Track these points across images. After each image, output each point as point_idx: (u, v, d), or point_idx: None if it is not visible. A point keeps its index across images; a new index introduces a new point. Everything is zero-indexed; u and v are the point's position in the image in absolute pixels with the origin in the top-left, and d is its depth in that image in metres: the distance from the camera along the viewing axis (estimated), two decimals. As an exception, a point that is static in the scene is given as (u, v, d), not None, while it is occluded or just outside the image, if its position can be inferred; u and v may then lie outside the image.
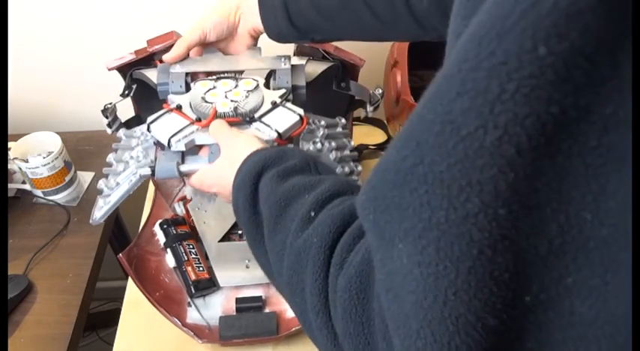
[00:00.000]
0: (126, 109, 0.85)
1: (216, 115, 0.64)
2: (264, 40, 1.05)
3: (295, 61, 0.79)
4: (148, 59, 0.80)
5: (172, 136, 0.63)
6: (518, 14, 0.22)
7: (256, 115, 0.65)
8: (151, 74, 0.78)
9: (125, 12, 1.05)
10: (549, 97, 0.22)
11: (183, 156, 0.65)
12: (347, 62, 0.80)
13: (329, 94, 0.83)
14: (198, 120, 0.65)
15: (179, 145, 0.63)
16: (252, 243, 0.49)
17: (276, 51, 0.81)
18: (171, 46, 0.80)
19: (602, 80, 0.22)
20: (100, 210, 0.68)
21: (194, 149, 0.65)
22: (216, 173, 0.59)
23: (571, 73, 0.22)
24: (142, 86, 0.80)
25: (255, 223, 0.48)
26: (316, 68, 0.79)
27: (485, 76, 0.24)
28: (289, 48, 0.82)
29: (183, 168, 0.64)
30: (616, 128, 0.22)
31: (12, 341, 0.83)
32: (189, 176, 0.65)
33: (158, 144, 0.67)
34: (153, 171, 0.64)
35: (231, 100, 0.67)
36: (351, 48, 0.81)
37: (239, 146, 0.57)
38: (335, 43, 0.79)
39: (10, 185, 1.05)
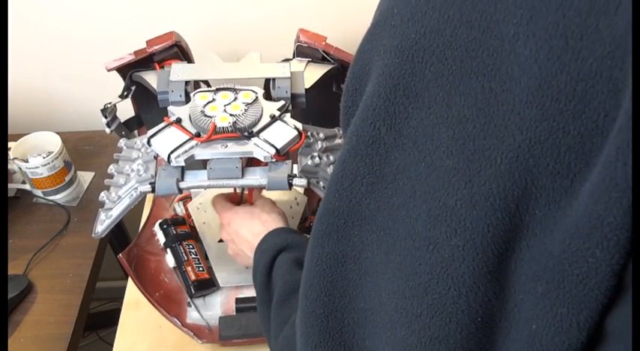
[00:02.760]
0: (126, 109, 0.85)
1: (215, 130, 0.65)
2: (264, 40, 1.05)
3: (295, 65, 0.79)
4: (147, 60, 0.80)
5: (172, 152, 0.63)
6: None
7: (255, 130, 0.66)
8: (150, 78, 0.78)
9: (125, 12, 1.05)
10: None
11: (182, 171, 0.65)
12: (347, 63, 0.80)
13: (329, 97, 0.83)
14: (198, 135, 0.65)
15: (179, 161, 0.63)
16: (261, 300, 0.56)
17: (275, 54, 0.81)
18: (171, 46, 0.80)
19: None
20: (102, 224, 0.69)
21: (193, 163, 0.65)
22: (248, 228, 0.68)
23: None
24: (142, 87, 0.80)
25: (267, 286, 0.56)
26: (316, 71, 0.79)
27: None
28: (289, 49, 0.82)
29: (183, 185, 0.64)
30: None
31: (12, 341, 0.83)
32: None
33: (158, 157, 0.67)
34: (153, 188, 0.65)
35: (230, 114, 0.67)
36: (351, 49, 0.80)
37: (274, 216, 0.68)
38: (335, 44, 0.79)
39: (10, 185, 1.05)
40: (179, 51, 0.81)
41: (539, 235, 0.29)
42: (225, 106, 0.68)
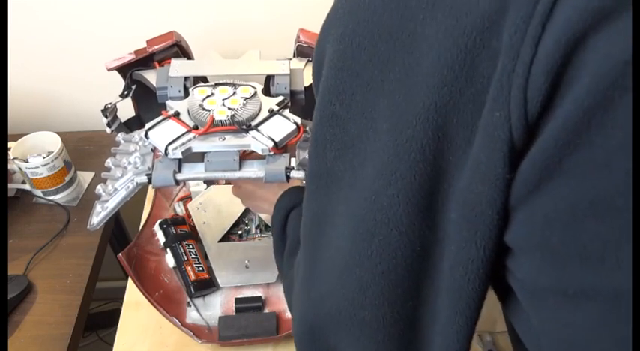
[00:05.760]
0: (126, 109, 0.85)
1: (213, 124, 0.65)
2: (264, 40, 1.05)
3: (295, 63, 0.79)
4: (147, 59, 0.80)
5: (169, 144, 0.63)
6: None
7: (253, 124, 0.66)
8: (150, 76, 0.78)
9: (125, 12, 1.05)
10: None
11: (180, 164, 0.65)
12: (346, 63, 0.80)
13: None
14: (196, 128, 0.65)
15: (176, 153, 0.63)
16: (276, 250, 0.64)
17: (275, 53, 0.81)
18: (171, 46, 0.80)
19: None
20: (98, 216, 0.68)
21: (191, 157, 0.65)
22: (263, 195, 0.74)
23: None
24: (142, 86, 0.80)
25: (282, 238, 0.64)
26: (316, 70, 0.79)
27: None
28: (289, 50, 0.82)
29: (180, 177, 0.64)
30: None
31: (12, 341, 0.83)
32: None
33: (156, 150, 0.67)
34: (149, 179, 0.64)
35: (229, 108, 0.67)
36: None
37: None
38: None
39: (10, 185, 1.05)
40: (179, 51, 0.81)
41: (455, 176, 0.36)
42: (223, 99, 0.68)
